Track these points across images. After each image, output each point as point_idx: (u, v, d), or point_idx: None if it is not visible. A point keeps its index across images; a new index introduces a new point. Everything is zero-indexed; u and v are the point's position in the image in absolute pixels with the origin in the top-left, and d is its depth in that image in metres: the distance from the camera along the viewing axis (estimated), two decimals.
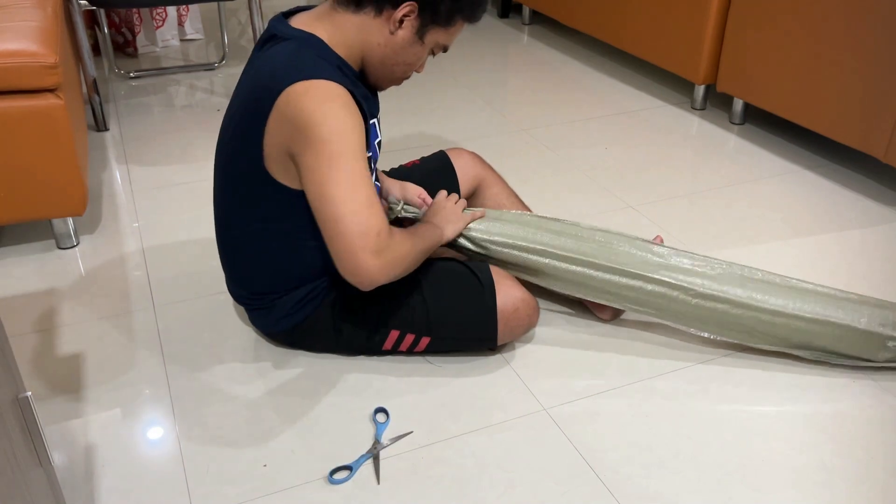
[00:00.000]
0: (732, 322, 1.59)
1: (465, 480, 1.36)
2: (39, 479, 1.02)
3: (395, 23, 1.39)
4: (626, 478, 1.37)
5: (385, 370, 1.60)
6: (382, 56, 1.43)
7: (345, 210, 1.32)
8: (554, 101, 2.90)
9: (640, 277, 1.59)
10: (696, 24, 2.66)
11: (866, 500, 1.33)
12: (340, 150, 1.32)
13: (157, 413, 1.51)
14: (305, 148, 1.34)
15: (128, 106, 2.85)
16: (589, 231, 1.65)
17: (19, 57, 1.73)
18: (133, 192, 2.27)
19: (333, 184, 1.33)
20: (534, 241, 1.62)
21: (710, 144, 2.59)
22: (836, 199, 2.26)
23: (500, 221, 1.65)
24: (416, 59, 1.47)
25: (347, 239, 1.33)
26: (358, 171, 1.33)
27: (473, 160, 1.85)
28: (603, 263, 1.60)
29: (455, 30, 1.46)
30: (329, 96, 1.33)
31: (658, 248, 1.63)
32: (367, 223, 1.33)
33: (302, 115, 1.32)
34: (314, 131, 1.32)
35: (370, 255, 1.33)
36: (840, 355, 1.60)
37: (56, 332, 1.72)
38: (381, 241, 1.34)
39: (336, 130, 1.32)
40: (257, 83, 1.39)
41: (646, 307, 1.62)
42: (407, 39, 1.42)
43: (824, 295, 1.59)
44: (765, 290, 1.58)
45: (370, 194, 1.35)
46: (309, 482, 1.36)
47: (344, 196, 1.33)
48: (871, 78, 2.16)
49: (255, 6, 2.86)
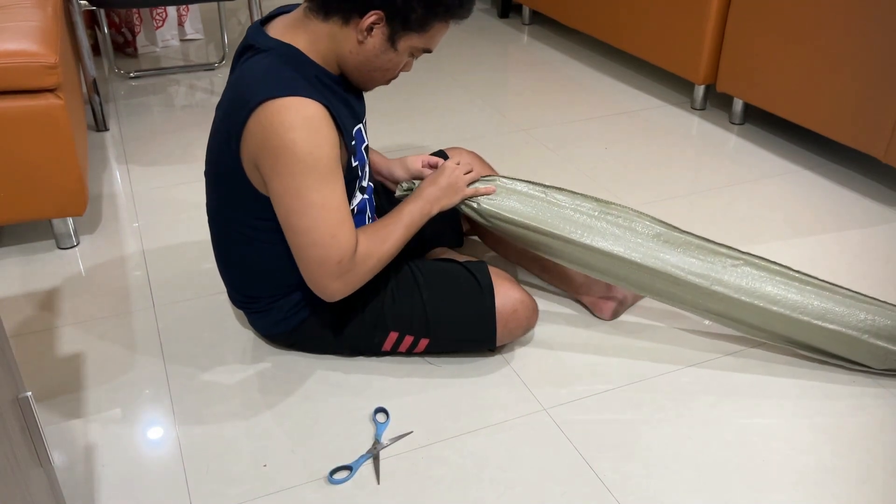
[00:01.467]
0: (739, 315, 1.58)
1: (465, 480, 1.36)
2: (39, 479, 1.02)
3: (363, 31, 1.35)
4: (626, 478, 1.37)
5: (385, 370, 1.60)
6: (356, 63, 1.40)
7: (306, 240, 1.36)
8: (554, 101, 2.90)
9: (650, 271, 1.57)
10: (696, 24, 2.66)
11: (866, 501, 1.33)
12: (305, 181, 1.32)
13: (157, 413, 1.51)
14: (273, 173, 1.34)
15: (128, 106, 2.85)
16: (603, 210, 1.61)
17: (19, 57, 1.73)
18: (133, 192, 2.27)
19: (296, 215, 1.35)
20: (554, 226, 1.58)
21: (710, 144, 2.59)
22: (836, 199, 2.26)
23: (515, 195, 1.60)
24: (392, 65, 1.42)
25: (309, 266, 1.39)
26: (323, 198, 1.34)
27: (473, 160, 1.84)
28: (636, 261, 1.57)
29: (433, 33, 1.40)
30: (299, 118, 1.30)
31: (674, 235, 1.60)
32: (326, 254, 1.36)
33: (271, 139, 1.31)
34: (281, 158, 1.32)
35: (330, 280, 1.39)
36: (842, 359, 1.60)
37: (56, 332, 1.72)
38: (343, 266, 1.38)
39: (302, 157, 1.31)
40: (235, 96, 1.37)
41: (652, 292, 1.60)
42: (378, 47, 1.37)
43: (835, 298, 1.57)
44: (778, 286, 1.56)
45: (336, 220, 1.36)
46: (309, 482, 1.36)
47: (306, 227, 1.35)
48: (870, 78, 2.16)
49: (255, 6, 2.86)
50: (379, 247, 1.44)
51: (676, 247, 1.59)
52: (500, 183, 1.62)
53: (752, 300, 1.56)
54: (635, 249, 1.58)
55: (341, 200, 1.37)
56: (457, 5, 1.38)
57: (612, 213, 1.61)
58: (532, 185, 1.63)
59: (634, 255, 1.57)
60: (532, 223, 1.59)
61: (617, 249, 1.57)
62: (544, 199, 1.61)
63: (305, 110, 1.31)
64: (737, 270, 1.57)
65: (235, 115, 1.36)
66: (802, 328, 1.56)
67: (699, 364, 1.63)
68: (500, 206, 1.59)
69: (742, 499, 1.33)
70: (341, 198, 1.37)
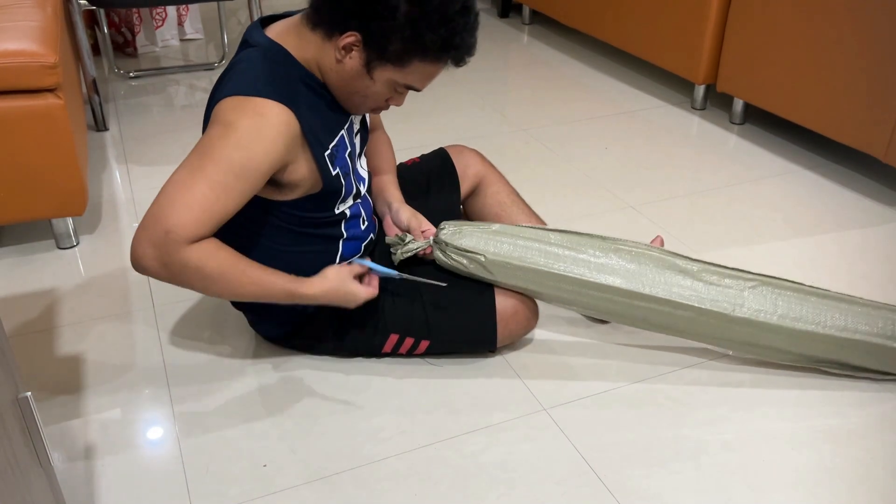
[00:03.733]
0: (762, 343, 1.54)
1: (465, 480, 1.36)
2: (39, 479, 1.02)
3: (341, 51, 1.30)
4: (626, 478, 1.37)
5: (385, 370, 1.60)
6: (335, 81, 1.35)
7: (168, 191, 1.25)
8: (554, 101, 2.90)
9: (669, 304, 1.53)
10: (696, 24, 2.66)
11: (866, 500, 1.33)
12: (216, 153, 1.25)
13: (157, 413, 1.51)
14: (202, 137, 1.30)
15: (127, 106, 2.85)
16: (611, 244, 1.56)
17: (19, 57, 1.73)
18: (133, 192, 2.27)
19: (184, 167, 1.26)
20: (545, 264, 1.53)
21: (710, 144, 2.59)
22: (836, 199, 2.26)
23: (499, 237, 1.54)
24: (372, 94, 1.36)
25: (148, 215, 1.26)
26: (214, 181, 1.24)
27: (475, 158, 1.82)
28: (627, 290, 1.52)
29: (413, 70, 1.32)
30: (252, 113, 1.26)
31: (685, 265, 1.55)
32: (167, 215, 1.23)
33: (218, 114, 1.28)
34: (216, 127, 1.27)
35: (148, 242, 1.24)
36: (868, 370, 1.57)
37: (56, 332, 1.72)
38: (168, 239, 1.23)
39: (232, 140, 1.25)
40: (216, 89, 1.36)
41: (673, 331, 1.57)
42: (355, 70, 1.32)
43: (853, 309, 1.55)
44: (797, 311, 1.52)
45: (203, 205, 1.24)
46: (309, 482, 1.36)
47: (180, 181, 1.25)
48: (871, 77, 2.16)
49: (255, 6, 2.86)
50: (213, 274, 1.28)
51: (689, 275, 1.54)
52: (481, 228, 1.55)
53: (776, 320, 1.51)
54: (653, 283, 1.52)
55: (224, 203, 1.27)
56: (438, 49, 1.30)
57: (622, 247, 1.56)
58: (522, 230, 1.57)
59: (657, 291, 1.52)
60: (540, 268, 1.53)
61: (633, 286, 1.52)
62: (539, 242, 1.55)
63: (263, 109, 1.27)
64: (755, 291, 1.53)
65: (210, 105, 1.35)
66: (828, 343, 1.53)
67: (699, 364, 1.63)
68: (506, 255, 1.53)
69: (742, 499, 1.33)
70: (226, 202, 1.27)
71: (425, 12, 1.26)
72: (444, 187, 1.76)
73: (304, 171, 1.37)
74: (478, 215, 1.81)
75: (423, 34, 1.27)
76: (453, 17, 1.28)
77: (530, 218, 1.78)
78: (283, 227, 1.45)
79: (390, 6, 1.25)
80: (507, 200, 1.79)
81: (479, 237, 1.54)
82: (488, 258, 1.52)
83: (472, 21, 1.32)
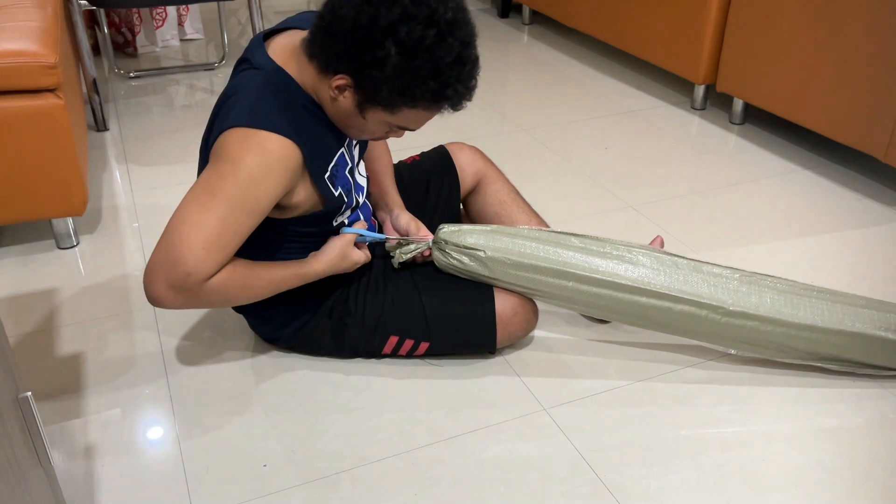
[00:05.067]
0: (762, 339, 1.54)
1: (465, 480, 1.36)
2: (39, 479, 1.02)
3: (334, 89, 1.30)
4: (626, 478, 1.37)
5: (384, 371, 1.60)
6: (331, 113, 1.35)
7: (180, 230, 1.25)
8: (554, 101, 2.90)
9: (668, 298, 1.53)
10: (696, 24, 2.66)
11: (866, 500, 1.33)
12: (226, 190, 1.26)
13: (157, 413, 1.51)
14: (207, 168, 1.30)
15: (128, 106, 2.85)
16: (610, 245, 1.56)
17: (19, 57, 1.73)
18: (133, 192, 2.27)
19: (193, 203, 1.26)
20: (545, 259, 1.53)
21: (710, 144, 2.59)
22: (836, 199, 2.26)
23: (499, 235, 1.55)
24: (367, 130, 1.36)
25: (160, 256, 1.26)
26: (225, 216, 1.25)
27: (474, 155, 1.81)
28: (626, 284, 1.53)
29: (405, 115, 1.31)
30: (258, 148, 1.26)
31: (681, 262, 1.56)
32: (184, 257, 1.24)
33: (222, 148, 1.28)
34: (221, 163, 1.27)
35: (165, 285, 1.26)
36: (867, 366, 1.57)
37: (56, 332, 1.72)
38: (188, 281, 1.25)
39: (239, 175, 1.26)
40: (218, 110, 1.35)
41: (673, 328, 1.57)
42: (348, 108, 1.32)
43: (852, 304, 1.55)
44: (794, 304, 1.53)
45: (218, 242, 1.26)
46: (309, 482, 1.36)
47: (192, 221, 1.25)
48: (870, 78, 2.16)
49: (255, 6, 2.86)
50: (235, 291, 1.34)
51: (688, 271, 1.54)
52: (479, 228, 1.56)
53: (775, 314, 1.52)
54: (652, 279, 1.53)
55: (238, 239, 1.29)
56: (429, 100, 1.28)
57: (621, 247, 1.56)
58: (521, 230, 1.57)
59: (657, 286, 1.52)
60: (540, 263, 1.53)
61: (633, 281, 1.52)
62: (544, 240, 1.55)
63: (268, 144, 1.27)
64: (754, 287, 1.54)
65: (212, 130, 1.34)
66: (828, 336, 1.53)
67: (699, 364, 1.63)
68: (506, 251, 1.53)
69: (742, 499, 1.33)
70: (238, 237, 1.29)
71: (415, 66, 1.23)
72: (444, 185, 1.76)
73: (303, 195, 1.38)
74: (478, 213, 1.80)
75: (413, 86, 1.25)
76: (445, 70, 1.25)
77: (530, 216, 1.77)
78: (282, 240, 1.46)
79: (379, 57, 1.23)
80: (508, 199, 1.79)
81: (479, 234, 1.54)
82: (488, 254, 1.52)
83: (466, 71, 1.28)
